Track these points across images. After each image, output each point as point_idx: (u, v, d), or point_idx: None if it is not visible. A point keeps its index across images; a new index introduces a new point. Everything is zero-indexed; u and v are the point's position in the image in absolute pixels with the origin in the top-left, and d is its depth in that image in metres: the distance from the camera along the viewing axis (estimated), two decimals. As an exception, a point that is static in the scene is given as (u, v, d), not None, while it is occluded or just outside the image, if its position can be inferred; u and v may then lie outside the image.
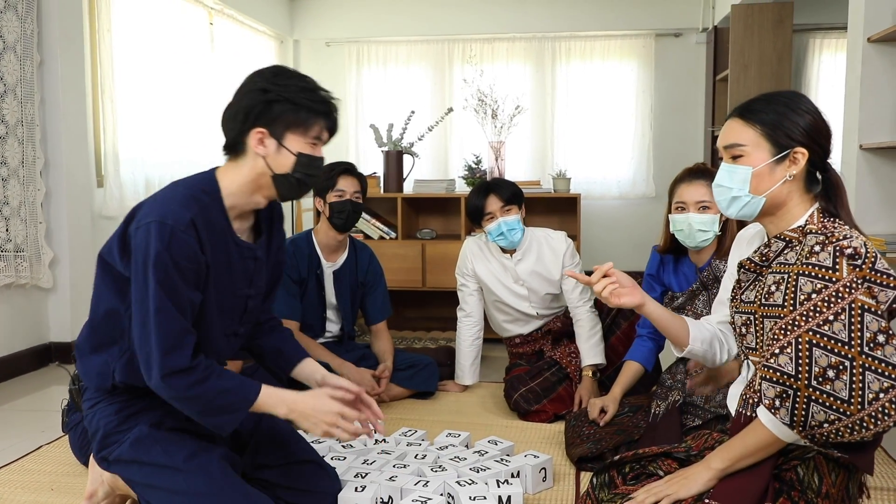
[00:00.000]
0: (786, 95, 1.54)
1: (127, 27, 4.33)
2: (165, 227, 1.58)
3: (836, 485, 1.45)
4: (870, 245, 1.41)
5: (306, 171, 1.71)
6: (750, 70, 4.90)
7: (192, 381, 1.60)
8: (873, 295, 1.37)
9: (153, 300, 1.57)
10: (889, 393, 1.33)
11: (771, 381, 1.38)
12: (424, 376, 3.08)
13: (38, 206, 3.56)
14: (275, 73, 1.70)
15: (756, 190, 1.52)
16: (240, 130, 1.68)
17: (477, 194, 2.97)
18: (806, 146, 1.49)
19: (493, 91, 4.70)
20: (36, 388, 3.32)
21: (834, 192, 1.53)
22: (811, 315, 1.37)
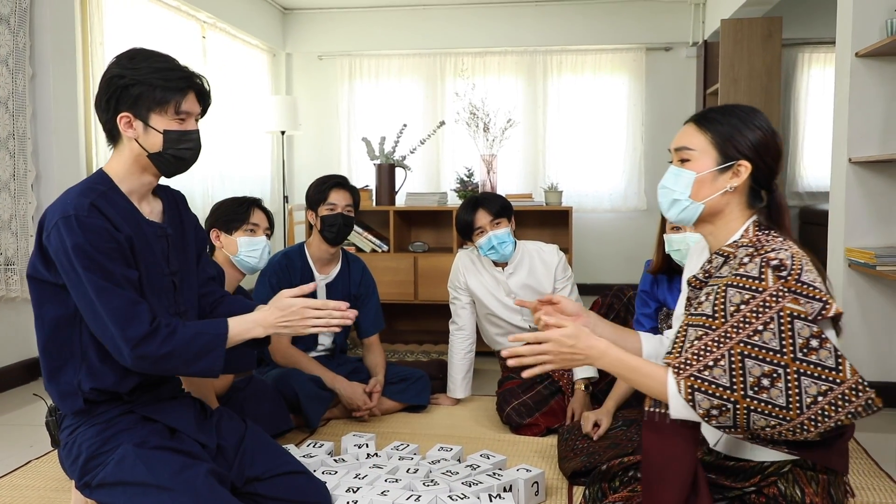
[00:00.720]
0: (743, 109, 1.57)
1: (119, 41, 4.33)
2: (70, 218, 1.62)
3: (819, 493, 1.46)
4: (798, 258, 1.42)
5: (178, 147, 1.74)
6: (740, 84, 4.94)
7: (160, 339, 1.63)
8: (800, 305, 1.38)
9: (91, 287, 1.60)
10: (828, 396, 1.35)
11: (706, 394, 1.38)
12: (416, 390, 3.07)
13: (29, 219, 3.55)
14: (130, 58, 1.73)
15: (696, 196, 1.56)
16: (109, 118, 1.73)
17: (466, 210, 2.98)
18: (751, 160, 1.52)
19: (485, 104, 4.72)
20: (25, 403, 3.30)
21: (776, 211, 1.57)
22: (741, 326, 1.39)
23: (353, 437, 2.56)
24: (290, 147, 6.72)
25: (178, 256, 1.86)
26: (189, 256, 1.90)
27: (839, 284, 3.20)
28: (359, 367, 3.12)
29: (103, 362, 1.71)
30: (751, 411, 1.36)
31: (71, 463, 1.76)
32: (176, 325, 1.67)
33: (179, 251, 1.87)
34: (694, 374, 1.39)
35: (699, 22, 6.07)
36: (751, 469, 1.50)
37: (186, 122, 1.75)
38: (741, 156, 1.52)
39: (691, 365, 1.40)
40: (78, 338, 1.73)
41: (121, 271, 1.65)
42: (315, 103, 6.65)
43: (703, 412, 1.39)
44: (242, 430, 1.94)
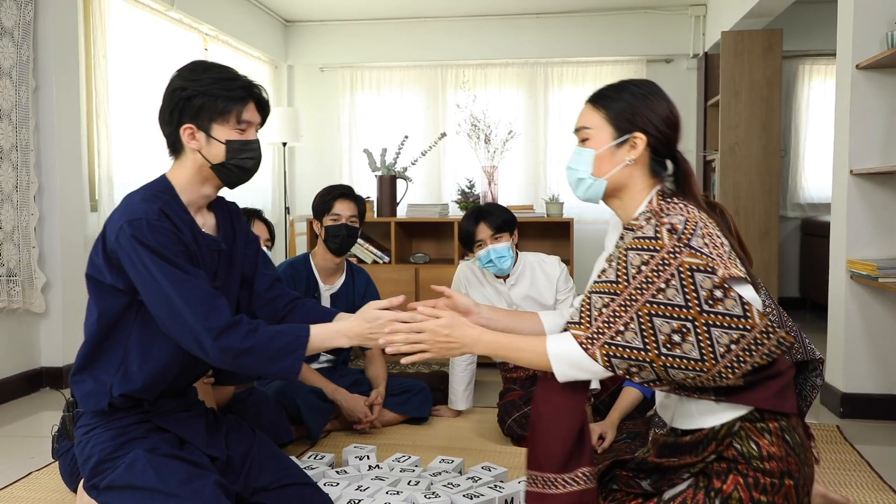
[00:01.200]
0: (635, 83, 1.62)
1: (122, 53, 4.36)
2: (140, 221, 1.64)
3: (775, 443, 1.46)
4: (691, 223, 1.45)
5: (240, 157, 1.76)
6: (740, 95, 4.95)
7: (243, 332, 1.63)
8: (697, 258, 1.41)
9: (168, 281, 1.61)
10: (740, 343, 1.38)
11: (622, 358, 1.42)
12: (418, 402, 3.07)
13: (32, 230, 3.56)
14: (191, 70, 1.76)
15: (598, 172, 1.60)
16: (172, 130, 1.75)
17: (468, 221, 2.98)
18: (645, 132, 1.57)
19: (486, 116, 4.73)
20: (26, 414, 3.29)
21: (683, 178, 1.60)
22: (645, 287, 1.42)
23: (354, 449, 2.56)
24: (292, 158, 6.74)
25: (225, 271, 1.87)
26: (234, 272, 1.91)
27: (841, 296, 3.20)
28: (360, 378, 3.12)
29: (140, 369, 1.74)
30: (668, 367, 1.40)
31: (83, 462, 1.78)
32: (258, 323, 1.68)
33: (227, 266, 1.88)
34: (607, 342, 1.43)
35: (700, 34, 6.09)
36: (705, 437, 1.51)
37: (247, 132, 1.78)
38: (635, 128, 1.57)
39: (603, 333, 1.44)
40: (123, 342, 1.75)
41: (194, 269, 1.67)
42: (317, 115, 6.68)
43: (622, 371, 1.43)
44: (251, 439, 1.95)
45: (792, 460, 1.45)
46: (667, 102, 1.60)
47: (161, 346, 1.74)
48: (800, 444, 1.49)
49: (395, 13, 6.32)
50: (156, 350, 1.75)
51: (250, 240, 1.98)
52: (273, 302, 1.95)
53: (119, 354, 1.75)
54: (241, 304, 1.94)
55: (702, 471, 1.51)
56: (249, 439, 1.95)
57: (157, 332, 1.72)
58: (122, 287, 1.70)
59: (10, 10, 3.44)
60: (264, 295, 1.94)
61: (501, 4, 6.08)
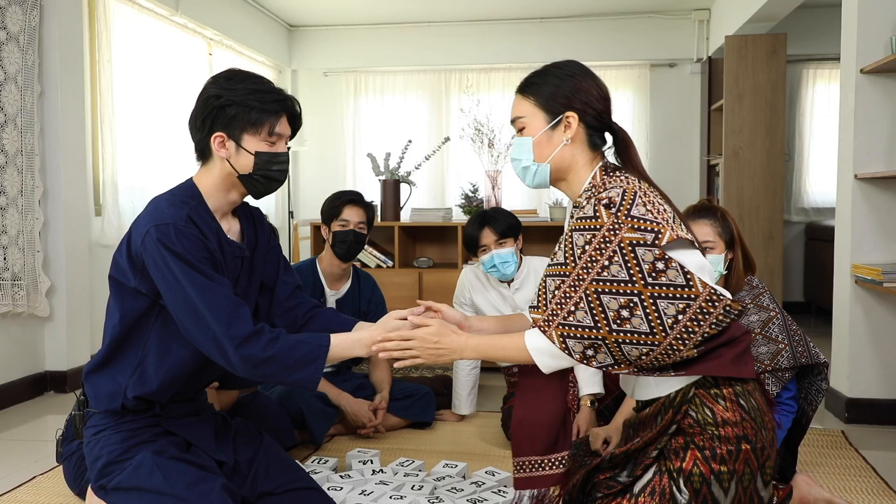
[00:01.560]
0: (557, 65, 1.65)
1: (127, 58, 4.38)
2: (167, 226, 1.64)
3: (729, 408, 1.46)
4: (629, 193, 1.47)
5: (268, 168, 1.76)
6: (744, 100, 4.96)
7: (264, 342, 1.63)
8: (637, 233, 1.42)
9: (192, 288, 1.61)
10: (687, 312, 1.40)
11: (576, 338, 1.44)
12: (421, 406, 3.07)
13: (36, 234, 3.57)
14: (227, 78, 1.77)
15: (539, 157, 1.62)
16: (202, 136, 1.75)
17: (473, 225, 2.98)
18: (575, 109, 1.59)
19: (490, 120, 4.74)
20: (31, 418, 3.30)
21: (622, 148, 1.62)
22: (590, 266, 1.44)
23: (357, 454, 2.56)
24: (296, 163, 6.75)
25: (246, 279, 1.88)
26: (254, 279, 1.92)
27: (846, 300, 3.19)
28: (364, 383, 3.12)
29: (157, 372, 1.75)
30: (620, 343, 1.41)
31: (91, 462, 1.79)
32: (279, 332, 1.68)
33: (248, 273, 1.89)
34: (561, 323, 1.46)
35: (703, 38, 6.10)
36: (662, 407, 1.52)
37: (277, 144, 1.78)
38: (565, 108, 1.59)
39: (557, 315, 1.47)
40: (142, 344, 1.76)
41: (218, 276, 1.68)
42: (320, 119, 6.69)
43: (579, 356, 1.45)
44: (258, 443, 1.96)
45: (748, 425, 1.46)
46: (592, 78, 1.62)
47: (179, 349, 1.75)
48: (756, 408, 1.49)
49: (399, 18, 6.34)
50: (173, 354, 1.76)
51: (272, 246, 1.98)
52: (293, 310, 1.95)
53: (137, 356, 1.76)
54: (259, 311, 1.94)
55: (662, 451, 1.51)
56: (256, 443, 1.96)
57: (175, 335, 1.73)
58: (144, 291, 1.71)
59: (15, 16, 3.45)
60: (284, 303, 1.95)
61: (505, 9, 6.10)
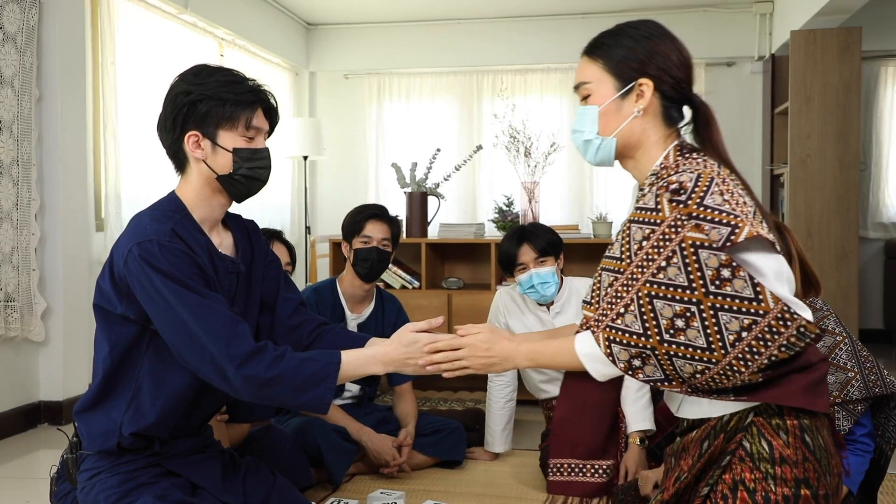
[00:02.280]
0: (632, 24, 1.57)
1: (132, 60, 4.47)
2: (150, 243, 1.65)
3: (791, 443, 1.40)
4: (705, 178, 1.39)
5: (248, 166, 1.77)
6: (813, 102, 4.90)
7: (268, 360, 1.63)
8: (704, 231, 1.35)
9: (184, 308, 1.62)
10: (753, 330, 1.32)
11: (621, 344, 1.39)
12: (451, 443, 3.06)
13: (32, 251, 3.63)
14: (195, 73, 1.78)
15: (605, 130, 1.56)
16: (175, 139, 1.77)
17: (510, 241, 2.98)
18: (650, 76, 1.51)
19: (526, 127, 4.74)
20: (22, 453, 3.34)
21: (703, 125, 1.54)
22: (645, 265, 1.38)
23: (380, 496, 2.55)
24: (313, 173, 6.81)
25: (244, 295, 1.89)
26: (254, 296, 1.93)
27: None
28: (388, 416, 3.12)
29: (153, 404, 1.75)
30: (672, 357, 1.36)
31: None
32: (285, 349, 1.69)
33: (246, 290, 1.90)
34: (609, 325, 1.42)
35: (766, 34, 6.06)
36: (713, 430, 1.46)
37: (256, 139, 1.80)
38: (639, 74, 1.52)
39: (606, 315, 1.43)
40: (134, 375, 1.77)
41: (211, 293, 1.68)
42: (340, 126, 6.75)
43: (623, 365, 1.40)
44: (270, 484, 1.95)
45: (810, 466, 1.39)
46: (672, 41, 1.55)
47: (175, 377, 1.76)
48: (822, 448, 1.42)
49: (426, 15, 6.39)
50: (169, 382, 1.76)
51: (270, 260, 1.99)
52: (297, 328, 1.95)
53: (130, 389, 1.77)
54: (261, 331, 1.95)
55: (709, 494, 1.45)
56: (269, 484, 1.96)
57: (170, 362, 1.74)
58: (132, 316, 1.72)
59: (12, 14, 3.54)
60: (287, 321, 1.95)
61: (543, 4, 6.12)
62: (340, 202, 6.39)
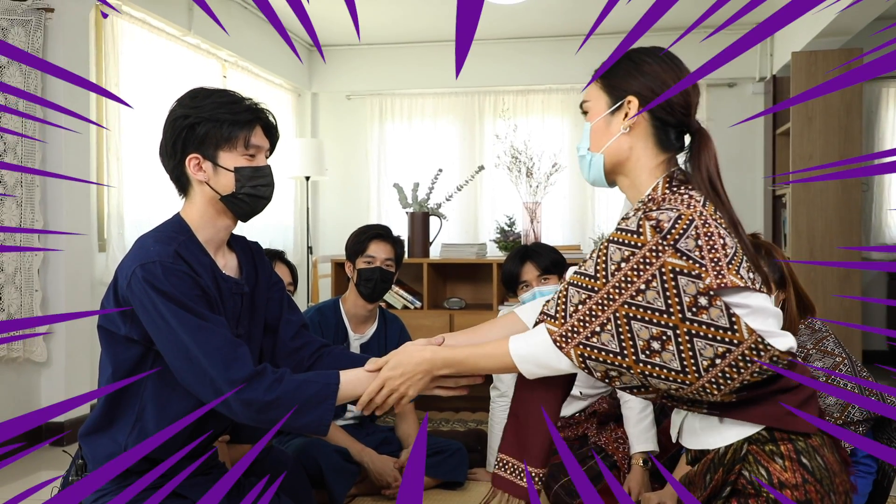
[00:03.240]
0: (641, 49, 1.57)
1: (136, 81, 4.50)
2: (154, 265, 1.66)
3: (788, 467, 1.39)
4: (684, 220, 1.39)
5: (251, 184, 1.78)
6: (814, 122, 4.92)
7: (266, 384, 1.63)
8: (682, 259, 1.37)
9: (184, 330, 1.63)
10: (727, 358, 1.34)
11: (598, 361, 1.41)
12: (453, 464, 3.05)
13: (35, 272, 3.65)
14: (192, 97, 1.79)
15: (595, 146, 1.58)
16: (176, 163, 1.79)
17: (513, 260, 3.00)
18: (637, 94, 1.52)
19: (528, 147, 4.77)
20: (24, 474, 3.33)
21: (695, 149, 1.53)
22: (623, 287, 1.39)
23: (382, 517, 2.54)
24: (316, 194, 6.84)
25: (247, 317, 1.90)
26: (258, 318, 1.94)
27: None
28: (390, 437, 3.11)
29: (157, 425, 1.75)
30: (647, 376, 1.38)
31: None
32: (283, 372, 1.69)
33: (249, 311, 1.91)
34: (582, 342, 1.42)
35: (767, 55, 6.10)
36: (712, 464, 1.47)
37: (257, 157, 1.81)
38: (627, 92, 1.53)
39: (578, 332, 1.43)
40: (139, 396, 1.77)
41: (212, 316, 1.69)
42: (343, 146, 6.79)
43: (600, 374, 1.43)
44: None
45: (811, 488, 1.38)
46: (671, 64, 1.54)
47: (179, 399, 1.76)
48: (823, 468, 1.41)
49: (428, 36, 6.45)
50: (174, 403, 1.77)
51: (274, 282, 1.99)
52: (299, 351, 1.96)
53: (135, 411, 1.77)
54: (264, 353, 1.96)
55: None
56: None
57: (175, 384, 1.74)
58: (136, 338, 1.73)
59: (18, 36, 3.58)
60: (289, 343, 1.96)
61: (544, 25, 6.17)
62: (342, 222, 6.42)
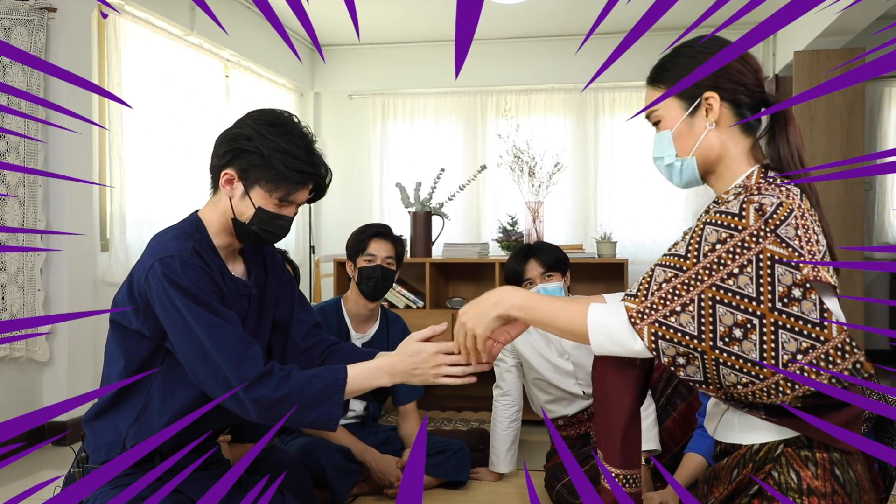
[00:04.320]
0: (688, 44, 1.56)
1: (138, 81, 4.51)
2: (172, 259, 1.68)
3: (820, 475, 1.38)
4: (785, 207, 1.38)
5: (264, 227, 1.79)
6: (817, 123, 4.92)
7: (274, 381, 1.65)
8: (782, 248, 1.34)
9: (200, 325, 1.64)
10: (809, 354, 1.31)
11: (671, 342, 1.36)
12: (455, 463, 3.05)
13: (38, 272, 3.65)
14: (269, 123, 1.77)
15: (682, 151, 1.55)
16: (217, 164, 1.80)
17: (517, 258, 3.00)
18: (714, 87, 1.50)
19: (531, 147, 4.77)
20: (26, 474, 3.34)
21: (779, 126, 1.52)
22: (715, 268, 1.36)
23: (384, 517, 2.54)
24: (317, 194, 6.84)
25: (255, 318, 1.91)
26: (265, 318, 1.95)
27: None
28: (392, 437, 3.12)
29: (160, 418, 1.77)
30: (720, 364, 1.34)
31: None
32: (291, 369, 1.70)
33: (257, 312, 1.92)
34: (659, 321, 1.38)
35: (769, 54, 6.09)
36: (742, 458, 1.46)
37: (285, 207, 1.81)
38: (702, 88, 1.51)
39: (657, 309, 1.39)
40: (146, 390, 1.79)
41: (227, 312, 1.71)
42: (345, 146, 6.79)
43: (667, 360, 1.38)
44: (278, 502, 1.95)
45: (839, 500, 1.37)
46: (724, 44, 1.51)
47: (183, 392, 1.78)
48: (853, 482, 1.40)
49: (430, 36, 6.45)
50: (177, 397, 1.78)
51: (285, 281, 2.01)
52: (309, 350, 1.97)
53: (140, 403, 1.79)
54: (274, 352, 1.98)
55: None
56: (277, 502, 1.96)
57: (181, 378, 1.76)
58: (147, 333, 1.74)
59: (20, 37, 3.59)
60: (300, 343, 1.97)
61: (546, 25, 6.16)
62: (345, 222, 6.42)
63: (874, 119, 5.99)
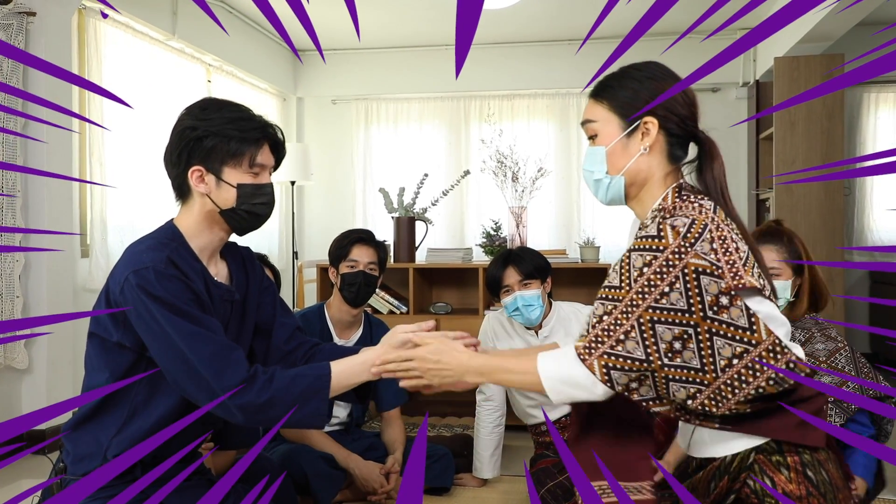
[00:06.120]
0: (636, 66, 1.60)
1: (119, 85, 4.48)
2: (147, 270, 1.66)
3: (793, 478, 1.42)
4: (698, 224, 1.43)
5: (252, 202, 1.79)
6: (797, 127, 4.96)
7: (258, 386, 1.64)
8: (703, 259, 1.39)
9: (179, 335, 1.63)
10: (744, 358, 1.36)
11: (622, 370, 1.41)
12: (438, 469, 3.05)
13: (16, 278, 3.62)
14: (202, 108, 1.79)
15: (613, 169, 1.59)
16: (179, 172, 1.78)
17: (496, 264, 3.00)
18: (655, 114, 1.55)
19: (514, 152, 4.77)
20: (4, 483, 3.30)
21: (706, 160, 1.58)
22: (647, 291, 1.41)
23: (368, 523, 2.53)
24: (301, 199, 6.82)
25: (237, 323, 1.90)
26: (247, 323, 1.94)
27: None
28: (375, 443, 3.11)
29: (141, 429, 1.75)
30: (669, 380, 1.39)
31: None
32: (273, 370, 1.70)
33: (240, 317, 1.91)
34: (607, 352, 1.43)
35: (750, 60, 6.14)
36: (717, 471, 1.49)
37: (260, 175, 1.81)
38: (644, 113, 1.55)
39: (602, 342, 1.44)
40: (129, 402, 1.76)
41: (206, 319, 1.69)
42: (328, 151, 6.78)
43: (622, 388, 1.42)
44: None
45: (815, 501, 1.41)
46: (672, 77, 1.59)
47: (162, 401, 1.76)
48: (827, 482, 1.43)
49: (414, 41, 6.45)
50: (157, 407, 1.76)
51: (265, 287, 2.00)
52: (292, 353, 1.97)
53: (122, 415, 1.77)
54: (256, 356, 1.96)
55: None
56: None
57: (162, 388, 1.74)
58: (128, 344, 1.73)
59: None
60: (283, 347, 1.97)
61: (530, 30, 6.18)
62: (328, 227, 6.40)
63: (853, 124, 6.06)
